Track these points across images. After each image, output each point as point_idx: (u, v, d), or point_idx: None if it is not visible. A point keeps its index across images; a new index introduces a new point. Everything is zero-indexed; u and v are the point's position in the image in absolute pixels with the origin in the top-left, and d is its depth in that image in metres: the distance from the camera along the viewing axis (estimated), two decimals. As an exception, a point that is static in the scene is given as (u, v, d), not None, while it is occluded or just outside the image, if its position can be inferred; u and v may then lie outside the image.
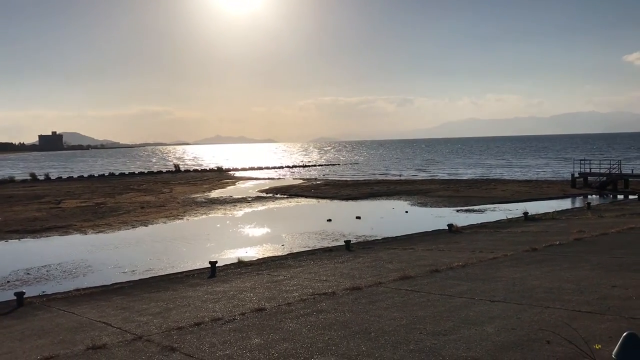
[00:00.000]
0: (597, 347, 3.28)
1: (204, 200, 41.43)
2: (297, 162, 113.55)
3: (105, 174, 79.53)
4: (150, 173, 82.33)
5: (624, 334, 1.57)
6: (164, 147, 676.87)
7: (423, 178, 61.32)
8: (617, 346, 1.54)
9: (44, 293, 14.19)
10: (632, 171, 47.13)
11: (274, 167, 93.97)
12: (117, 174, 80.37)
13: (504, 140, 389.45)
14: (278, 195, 43.79)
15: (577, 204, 32.89)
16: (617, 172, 42.72)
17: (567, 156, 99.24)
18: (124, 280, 15.32)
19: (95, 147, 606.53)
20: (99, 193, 48.54)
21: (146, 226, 28.57)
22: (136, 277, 16.18)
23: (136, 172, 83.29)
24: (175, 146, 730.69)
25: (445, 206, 33.56)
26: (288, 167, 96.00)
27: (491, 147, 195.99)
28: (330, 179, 63.63)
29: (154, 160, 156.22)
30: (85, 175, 78.77)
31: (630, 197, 35.34)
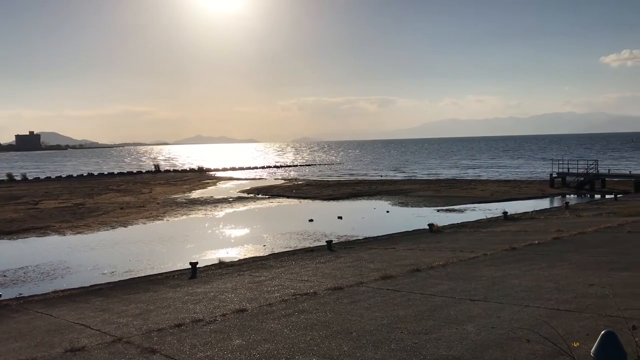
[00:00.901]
0: (576, 345, 3.31)
1: (184, 200, 41.15)
2: (279, 162, 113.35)
3: (84, 174, 78.63)
4: (130, 173, 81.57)
5: (602, 332, 1.59)
6: (144, 147, 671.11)
7: (404, 178, 61.61)
8: (595, 344, 1.56)
9: (21, 295, 13.97)
10: (609, 171, 47.88)
11: (256, 168, 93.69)
12: (96, 174, 79.49)
13: (484, 140, 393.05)
14: (259, 196, 43.68)
15: (556, 204, 33.32)
16: (594, 172, 43.36)
17: (546, 156, 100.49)
18: (103, 282, 15.15)
19: (74, 147, 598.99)
20: (78, 193, 47.96)
21: (126, 227, 28.29)
22: (116, 279, 16.01)
23: (115, 173, 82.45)
24: (155, 146, 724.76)
25: (426, 206, 33.77)
26: (270, 167, 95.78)
27: (471, 147, 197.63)
28: (311, 179, 63.62)
29: (133, 161, 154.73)
30: (64, 175, 77.78)
31: (607, 196, 35.91)
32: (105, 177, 74.22)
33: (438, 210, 31.50)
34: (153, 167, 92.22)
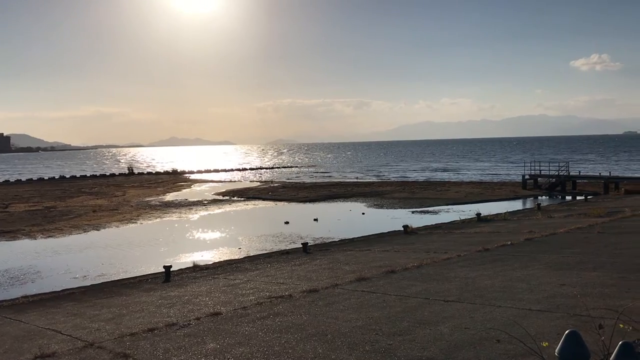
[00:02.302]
0: (545, 345, 3.37)
1: (158, 203, 40.74)
2: (255, 165, 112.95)
3: (56, 177, 77.31)
4: (103, 176, 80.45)
5: (566, 332, 1.61)
6: (118, 149, 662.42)
7: (380, 180, 61.91)
8: (559, 344, 1.59)
9: (-10, 301, 13.66)
10: (580, 173, 48.82)
11: (231, 170, 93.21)
12: (68, 176, 78.23)
13: (458, 142, 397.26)
14: (235, 198, 43.46)
15: (528, 205, 33.83)
16: (566, 173, 44.15)
17: (518, 158, 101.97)
18: (75, 286, 14.92)
19: (45, 149, 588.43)
20: (49, 196, 47.11)
21: (98, 230, 27.89)
22: (88, 283, 15.78)
23: (88, 175, 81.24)
24: (129, 148, 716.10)
25: (401, 207, 33.99)
26: (245, 169, 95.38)
27: (446, 150, 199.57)
28: (287, 181, 63.54)
29: (106, 163, 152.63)
30: (35, 178, 76.36)
31: (578, 197, 36.61)
32: (77, 180, 73.04)
33: (413, 212, 31.73)
34: (126, 169, 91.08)
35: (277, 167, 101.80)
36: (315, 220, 29.23)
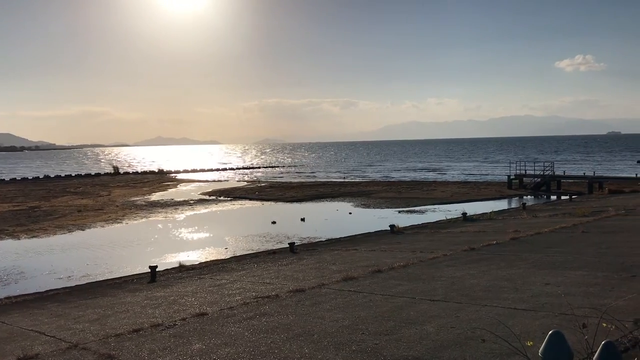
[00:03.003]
0: (530, 344, 3.39)
1: (144, 203, 40.48)
2: (241, 164, 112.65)
3: (40, 177, 76.52)
4: (88, 175, 79.78)
5: (550, 332, 1.62)
6: (103, 148, 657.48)
7: (366, 180, 62.02)
8: (542, 344, 1.59)
9: (-28, 302, 13.49)
10: (564, 173, 49.29)
11: (218, 169, 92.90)
12: (52, 176, 77.46)
13: (445, 142, 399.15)
14: (221, 198, 43.31)
15: (513, 205, 34.06)
16: (551, 173, 44.54)
17: (504, 158, 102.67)
18: (59, 287, 14.79)
19: (30, 149, 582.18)
20: (33, 196, 46.62)
21: (83, 230, 27.66)
22: (72, 283, 15.64)
23: (73, 175, 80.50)
24: (114, 147, 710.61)
25: (388, 207, 34.08)
26: (232, 169, 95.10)
27: (432, 150, 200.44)
28: (274, 181, 63.45)
29: (91, 162, 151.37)
30: (19, 177, 75.52)
31: (563, 197, 36.93)
32: (62, 179, 72.35)
33: (399, 212, 31.82)
34: (112, 169, 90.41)
35: (264, 167, 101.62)
36: (302, 220, 29.21)
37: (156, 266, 14.48)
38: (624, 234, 14.55)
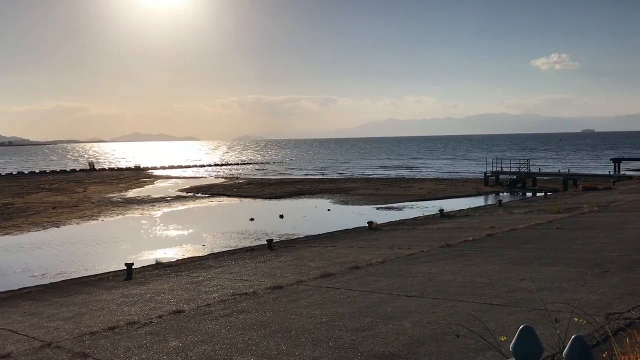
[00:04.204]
0: (503, 339, 3.42)
1: (120, 200, 40.04)
2: (220, 161, 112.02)
3: (14, 173, 75.18)
4: (63, 172, 78.59)
5: (520, 327, 1.64)
6: (78, 144, 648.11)
7: (345, 177, 62.16)
8: (513, 339, 1.61)
9: (-58, 301, 13.20)
10: (540, 170, 49.96)
11: (195, 166, 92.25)
12: (26, 172, 76.18)
13: (422, 139, 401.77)
14: (199, 195, 43.03)
15: (490, 201, 34.45)
16: (526, 170, 45.13)
17: (481, 155, 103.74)
18: (33, 285, 14.56)
19: (2, 145, 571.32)
20: (6, 193, 45.80)
21: (58, 227, 27.26)
22: (46, 281, 15.40)
23: (47, 171, 79.23)
24: (90, 144, 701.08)
25: (366, 204, 34.21)
26: (210, 165, 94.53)
27: (410, 147, 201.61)
28: (253, 177, 63.24)
29: (66, 159, 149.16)
30: (-9, 174, 74.13)
31: (538, 194, 37.45)
32: (36, 176, 71.17)
33: (377, 208, 31.97)
34: (88, 165, 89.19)
35: (243, 164, 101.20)
36: (281, 216, 29.17)
37: (132, 263, 14.33)
38: (598, 230, 14.81)
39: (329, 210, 32.28)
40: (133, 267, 14.22)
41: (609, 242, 12.51)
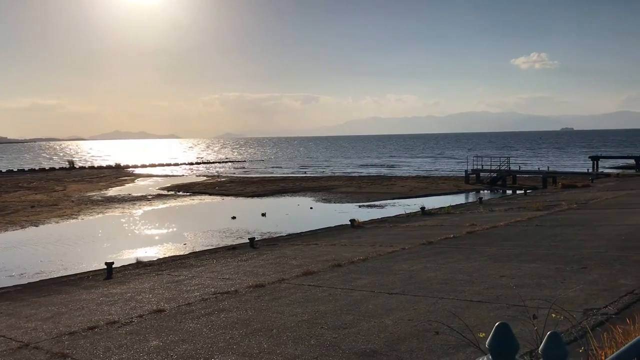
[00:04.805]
0: (482, 336, 3.45)
1: (100, 198, 39.62)
2: (201, 159, 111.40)
3: (-9, 171, 73.97)
4: (42, 170, 77.52)
5: (496, 323, 1.65)
6: (57, 142, 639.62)
7: (328, 175, 62.20)
8: (489, 336, 1.63)
9: None
10: (520, 168, 50.48)
11: (177, 164, 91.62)
12: (4, 171, 74.98)
13: (404, 138, 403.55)
14: (180, 193, 42.74)
15: (470, 199, 34.73)
16: (507, 168, 45.56)
17: (462, 154, 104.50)
18: (11, 285, 14.34)
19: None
20: (-17, 192, 45.03)
21: (37, 226, 26.89)
22: (24, 281, 15.18)
23: (26, 169, 78.10)
24: (70, 142, 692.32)
25: (349, 202, 34.26)
26: (191, 164, 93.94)
27: (392, 145, 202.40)
28: (235, 176, 62.99)
29: (45, 157, 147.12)
30: (-33, 172, 72.85)
31: (518, 191, 37.85)
32: (14, 174, 70.09)
33: (360, 206, 32.03)
34: (67, 163, 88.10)
35: (225, 162, 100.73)
36: (263, 215, 29.10)
37: (112, 262, 14.19)
38: (576, 227, 15.01)
39: (311, 208, 32.28)
40: (113, 266, 14.08)
41: (587, 238, 12.68)
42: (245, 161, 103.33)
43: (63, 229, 26.13)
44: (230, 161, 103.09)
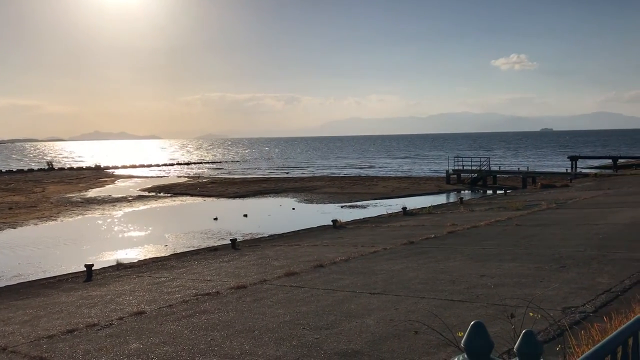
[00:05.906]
0: (461, 335, 3.49)
1: (80, 199, 39.18)
2: (183, 160, 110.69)
3: (-33, 173, 72.71)
4: (20, 171, 76.41)
5: (471, 323, 1.67)
6: (36, 143, 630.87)
7: (310, 175, 62.19)
8: (464, 335, 1.65)
9: None
10: (500, 168, 50.97)
11: (158, 165, 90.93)
12: (-20, 172, 73.76)
13: (386, 138, 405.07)
14: (161, 194, 42.43)
15: (451, 199, 34.98)
16: (487, 169, 45.97)
17: (443, 154, 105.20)
18: (-12, 288, 14.09)
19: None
20: (-41, 193, 44.26)
21: (15, 228, 26.50)
22: (2, 284, 14.96)
23: (3, 170, 76.92)
24: (49, 142, 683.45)
25: (331, 202, 34.31)
26: (173, 164, 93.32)
27: (374, 145, 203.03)
28: (216, 176, 62.70)
29: (23, 158, 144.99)
30: (-57, 173, 71.52)
31: (498, 191, 38.22)
32: (-9, 176, 69.00)
33: (342, 207, 32.09)
34: (46, 164, 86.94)
35: (206, 163, 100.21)
36: (245, 216, 29.01)
37: (92, 265, 14.05)
38: (556, 226, 15.20)
39: (293, 209, 32.26)
40: (93, 268, 13.94)
41: (566, 238, 12.85)
42: (227, 162, 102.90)
43: (42, 231, 25.79)
44: (212, 162, 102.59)
